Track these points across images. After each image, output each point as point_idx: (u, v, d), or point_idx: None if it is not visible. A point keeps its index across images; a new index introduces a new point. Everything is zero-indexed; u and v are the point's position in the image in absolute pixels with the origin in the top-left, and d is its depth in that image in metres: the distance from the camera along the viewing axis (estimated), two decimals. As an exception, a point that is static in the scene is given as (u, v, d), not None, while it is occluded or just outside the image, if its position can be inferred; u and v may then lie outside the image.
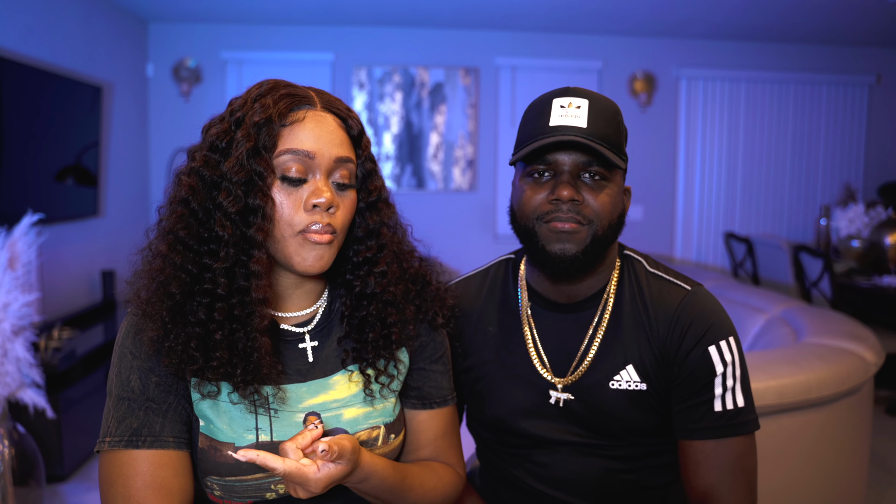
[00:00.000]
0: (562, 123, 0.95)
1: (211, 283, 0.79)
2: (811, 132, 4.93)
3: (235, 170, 0.79)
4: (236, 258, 0.79)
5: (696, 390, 0.97)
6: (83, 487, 2.55)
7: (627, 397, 0.99)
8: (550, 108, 0.97)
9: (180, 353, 0.78)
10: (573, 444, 1.02)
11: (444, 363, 0.99)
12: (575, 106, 0.95)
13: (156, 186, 4.41)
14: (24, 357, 2.05)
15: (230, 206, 0.78)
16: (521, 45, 4.59)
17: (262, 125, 0.80)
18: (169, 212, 0.82)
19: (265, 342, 0.80)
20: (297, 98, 0.83)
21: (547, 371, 1.03)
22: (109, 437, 0.79)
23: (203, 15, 4.18)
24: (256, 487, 0.82)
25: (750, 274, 4.26)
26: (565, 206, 0.94)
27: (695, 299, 1.00)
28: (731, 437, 0.95)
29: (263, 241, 0.80)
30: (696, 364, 0.97)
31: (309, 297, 0.92)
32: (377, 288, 0.89)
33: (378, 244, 0.90)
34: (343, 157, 0.84)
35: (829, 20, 4.17)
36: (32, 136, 3.02)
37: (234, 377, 0.79)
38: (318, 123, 0.82)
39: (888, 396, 3.53)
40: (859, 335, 2.00)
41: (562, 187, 0.93)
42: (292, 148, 0.80)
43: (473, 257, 4.58)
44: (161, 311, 0.79)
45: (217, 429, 0.82)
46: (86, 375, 2.73)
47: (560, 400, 1.01)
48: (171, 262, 0.79)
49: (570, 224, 0.94)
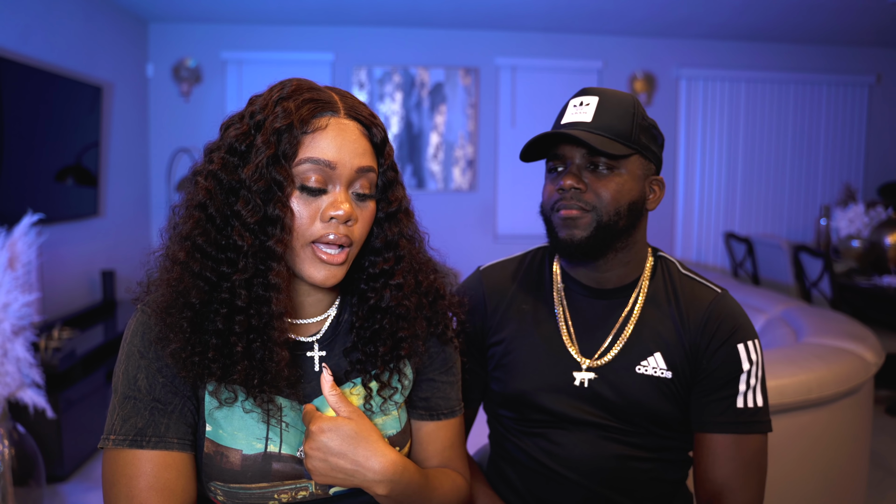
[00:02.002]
0: (571, 120, 1.02)
1: (229, 293, 0.77)
2: (811, 132, 4.93)
3: (255, 178, 0.76)
4: (255, 269, 0.77)
5: (721, 385, 1.01)
6: (83, 487, 2.54)
7: (652, 383, 1.03)
8: (566, 108, 1.05)
9: (198, 364, 0.77)
10: (591, 426, 1.05)
11: (454, 374, 0.98)
12: (585, 104, 1.02)
13: (156, 186, 4.41)
14: (24, 357, 2.05)
15: (249, 216, 0.76)
16: (521, 45, 4.59)
17: (283, 132, 0.77)
18: (186, 215, 0.80)
19: (285, 355, 0.80)
20: (321, 104, 0.80)
21: (575, 349, 1.07)
22: (114, 436, 0.78)
23: (203, 15, 4.18)
24: (260, 495, 0.81)
25: (750, 274, 4.26)
26: (568, 193, 1.01)
27: (725, 301, 1.06)
28: (749, 433, 1.00)
29: (283, 253, 0.78)
30: (724, 359, 1.02)
31: (320, 305, 0.90)
32: (392, 301, 0.87)
33: (396, 256, 0.88)
34: (364, 167, 0.82)
35: (829, 20, 4.17)
36: (32, 136, 3.02)
37: (252, 387, 0.79)
38: (341, 132, 0.80)
39: (888, 396, 3.53)
40: (859, 335, 2.00)
41: (565, 177, 1.01)
42: (313, 157, 0.78)
43: (473, 257, 4.59)
44: (181, 321, 0.77)
45: (226, 434, 0.81)
46: (86, 375, 2.73)
47: (584, 381, 1.05)
48: (190, 270, 0.78)
49: (573, 210, 1.00)
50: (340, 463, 0.77)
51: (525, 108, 4.66)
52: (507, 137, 4.67)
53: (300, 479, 0.83)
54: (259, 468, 0.81)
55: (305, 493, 0.83)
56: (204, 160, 0.83)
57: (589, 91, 1.04)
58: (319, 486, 0.84)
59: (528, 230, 4.71)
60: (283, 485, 0.82)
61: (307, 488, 0.84)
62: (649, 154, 1.03)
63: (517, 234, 4.73)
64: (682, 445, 1.08)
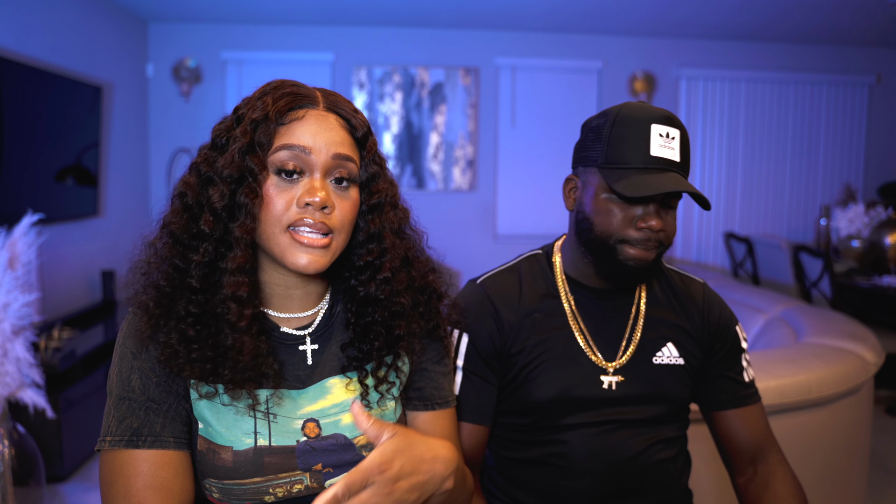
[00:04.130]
0: (661, 155, 0.99)
1: (191, 277, 0.79)
2: (811, 132, 4.93)
3: (227, 165, 0.79)
4: (214, 254, 0.79)
5: (731, 365, 1.14)
6: (83, 487, 2.55)
7: (670, 371, 1.10)
8: (650, 135, 0.99)
9: (164, 347, 0.79)
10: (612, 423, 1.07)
11: (446, 364, 0.99)
12: (671, 137, 1.00)
13: (156, 186, 4.42)
14: (24, 357, 2.05)
15: (217, 202, 0.79)
16: (521, 45, 4.59)
17: (259, 122, 0.79)
18: (170, 207, 0.84)
19: (247, 342, 0.79)
20: (299, 97, 0.82)
21: (595, 354, 1.09)
22: (110, 437, 0.79)
23: (203, 15, 4.19)
24: (254, 491, 0.81)
25: (750, 274, 4.26)
26: (653, 234, 1.01)
27: (710, 289, 1.18)
28: (759, 400, 1.15)
29: (244, 238, 0.79)
30: (731, 341, 1.14)
31: (310, 298, 0.90)
32: (381, 294, 0.87)
33: (380, 248, 0.88)
34: (343, 155, 0.82)
35: (828, 20, 4.17)
36: (32, 136, 3.02)
37: (223, 377, 0.79)
38: (318, 122, 0.81)
39: (888, 396, 3.53)
40: (859, 335, 2.00)
41: (653, 218, 0.99)
42: (289, 143, 0.80)
43: (473, 257, 4.60)
44: (148, 301, 0.80)
45: (215, 431, 0.81)
46: (86, 375, 2.73)
47: (612, 383, 1.08)
48: (161, 255, 0.81)
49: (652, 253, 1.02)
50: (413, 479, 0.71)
51: (525, 108, 4.66)
52: (507, 137, 4.66)
53: (293, 471, 0.83)
54: (251, 463, 0.81)
55: (300, 487, 0.83)
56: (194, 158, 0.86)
57: (673, 121, 1.00)
58: (314, 479, 0.84)
59: (528, 230, 4.71)
60: (277, 479, 0.82)
61: (302, 481, 0.84)
62: None
63: (517, 234, 4.73)
64: (685, 434, 1.15)
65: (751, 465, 1.14)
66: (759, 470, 1.12)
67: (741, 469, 1.15)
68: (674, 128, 1.00)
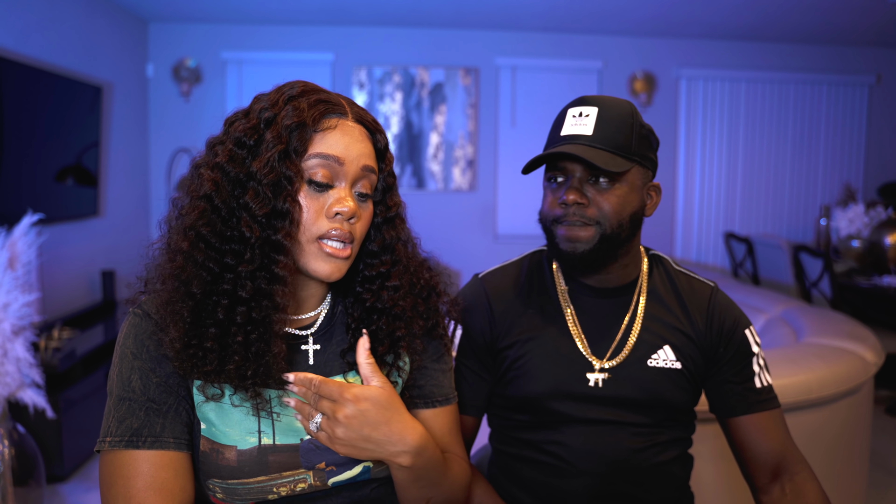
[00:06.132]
0: (571, 133, 1.02)
1: (232, 285, 0.78)
2: (811, 132, 4.93)
3: (265, 171, 0.78)
4: (261, 261, 0.78)
5: (739, 370, 1.10)
6: (83, 487, 2.55)
7: (665, 375, 1.08)
8: (565, 118, 1.04)
9: (193, 356, 0.78)
10: (604, 423, 1.07)
11: (446, 362, 1.00)
12: (584, 115, 1.02)
13: (156, 186, 4.41)
14: (24, 357, 2.05)
15: (258, 208, 0.78)
16: (521, 45, 4.59)
17: (294, 129, 0.79)
18: (189, 206, 0.81)
19: (283, 348, 0.81)
20: (331, 105, 0.83)
21: (587, 350, 1.09)
22: (110, 437, 0.79)
23: (203, 15, 4.19)
24: (258, 490, 0.82)
25: (750, 274, 4.26)
26: (571, 209, 1.01)
27: (720, 293, 1.15)
28: (774, 409, 1.10)
29: (290, 246, 0.80)
30: (737, 346, 1.10)
31: (313, 300, 0.92)
32: (389, 302, 0.89)
33: (392, 260, 0.91)
34: (369, 167, 0.84)
35: (828, 20, 4.17)
36: (32, 136, 3.02)
37: (246, 379, 0.79)
38: (349, 133, 0.83)
39: (888, 396, 3.53)
40: (859, 335, 2.00)
41: (567, 192, 1.01)
42: (322, 152, 0.80)
43: (473, 257, 4.60)
44: (183, 311, 0.78)
45: (219, 431, 0.81)
46: (86, 375, 2.73)
47: (598, 381, 1.07)
48: (193, 260, 0.78)
49: (576, 228, 1.02)
50: (374, 434, 0.78)
51: (525, 108, 4.66)
52: (507, 137, 4.67)
53: (297, 469, 0.83)
54: (255, 462, 0.81)
55: (304, 486, 0.84)
56: (207, 153, 0.84)
57: (587, 101, 1.03)
58: (318, 477, 0.85)
59: (528, 230, 4.71)
60: (281, 477, 0.82)
61: (305, 480, 0.84)
62: (647, 162, 1.04)
63: (517, 234, 4.73)
64: (688, 437, 1.13)
65: (776, 483, 1.07)
66: (787, 490, 1.05)
67: (765, 486, 1.08)
68: (588, 106, 1.02)
